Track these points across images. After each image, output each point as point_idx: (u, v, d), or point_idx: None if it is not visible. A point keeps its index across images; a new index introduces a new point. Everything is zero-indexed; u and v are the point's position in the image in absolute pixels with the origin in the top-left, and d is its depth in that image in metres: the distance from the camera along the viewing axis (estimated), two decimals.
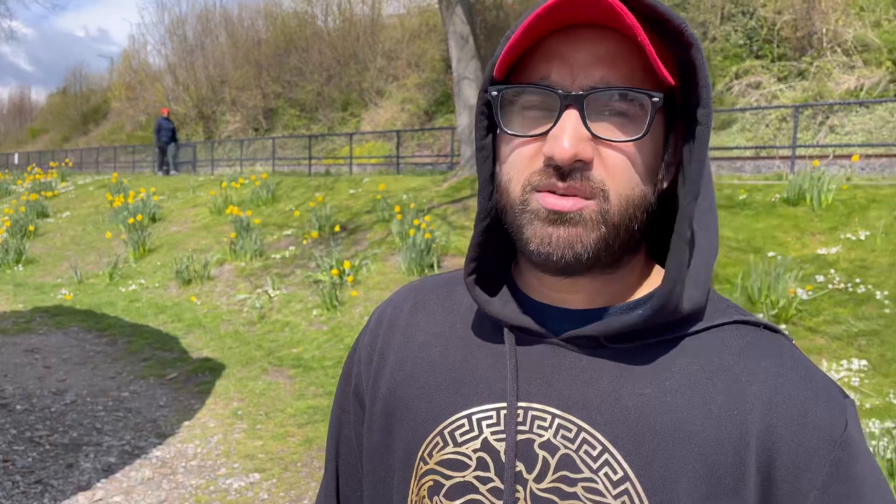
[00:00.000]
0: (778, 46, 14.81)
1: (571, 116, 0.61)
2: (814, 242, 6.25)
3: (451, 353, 0.73)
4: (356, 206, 10.48)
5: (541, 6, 0.59)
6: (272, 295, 7.85)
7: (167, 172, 18.44)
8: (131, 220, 11.61)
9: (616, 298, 0.69)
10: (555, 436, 0.64)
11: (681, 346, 0.66)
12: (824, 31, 14.13)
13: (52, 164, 23.05)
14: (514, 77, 0.67)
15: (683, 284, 0.63)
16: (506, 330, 0.70)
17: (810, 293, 5.41)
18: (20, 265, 11.29)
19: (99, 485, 3.90)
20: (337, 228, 9.29)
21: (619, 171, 0.62)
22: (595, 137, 0.61)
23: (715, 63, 15.46)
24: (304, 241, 9.20)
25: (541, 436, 0.65)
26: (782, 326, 5.15)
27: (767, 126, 13.71)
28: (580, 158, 0.60)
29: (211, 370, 5.96)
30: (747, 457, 0.61)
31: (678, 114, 0.67)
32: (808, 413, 0.62)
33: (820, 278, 5.61)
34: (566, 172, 0.61)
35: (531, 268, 0.70)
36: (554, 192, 0.62)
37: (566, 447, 0.63)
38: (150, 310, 8.16)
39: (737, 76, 14.95)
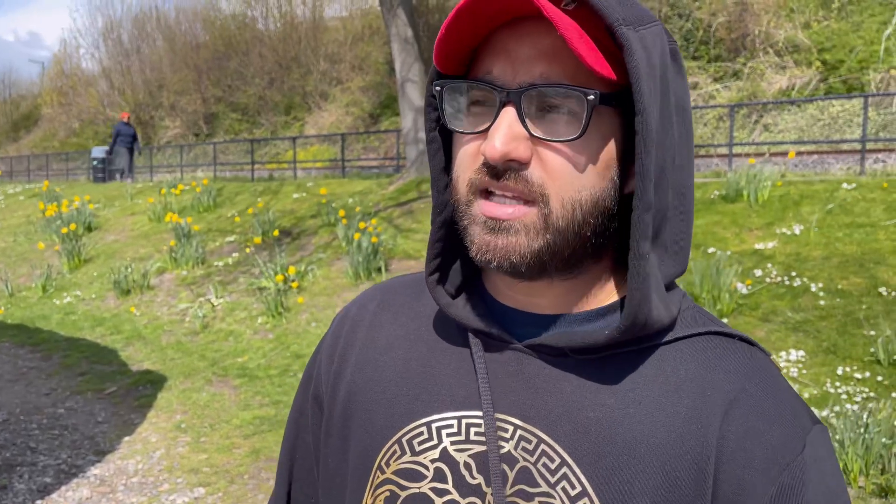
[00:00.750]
0: (713, 48, 15.23)
1: (509, 114, 0.58)
2: (751, 238, 6.42)
3: (414, 357, 0.70)
4: (301, 210, 10.33)
5: (461, 1, 0.57)
6: (215, 303, 7.66)
7: (122, 177, 17.37)
8: (65, 230, 11.18)
9: (581, 305, 0.66)
10: (515, 447, 0.62)
11: (648, 357, 0.63)
12: (757, 32, 14.59)
13: None
14: (471, 71, 0.64)
15: (650, 304, 0.60)
16: (471, 335, 0.67)
17: (749, 287, 5.55)
18: None
19: None
20: (276, 233, 9.14)
21: (560, 173, 0.59)
22: (532, 137, 0.58)
23: None
24: (248, 248, 9.02)
25: (501, 447, 0.62)
26: (724, 320, 5.27)
27: (706, 125, 14.08)
28: (513, 158, 0.58)
29: (152, 383, 5.77)
30: (707, 470, 0.59)
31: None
32: (763, 430, 0.60)
33: (758, 272, 5.77)
34: (500, 172, 0.59)
35: None
36: (491, 193, 0.60)
37: (525, 459, 0.61)
38: (87, 322, 7.88)
39: None
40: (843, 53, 13.41)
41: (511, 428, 0.62)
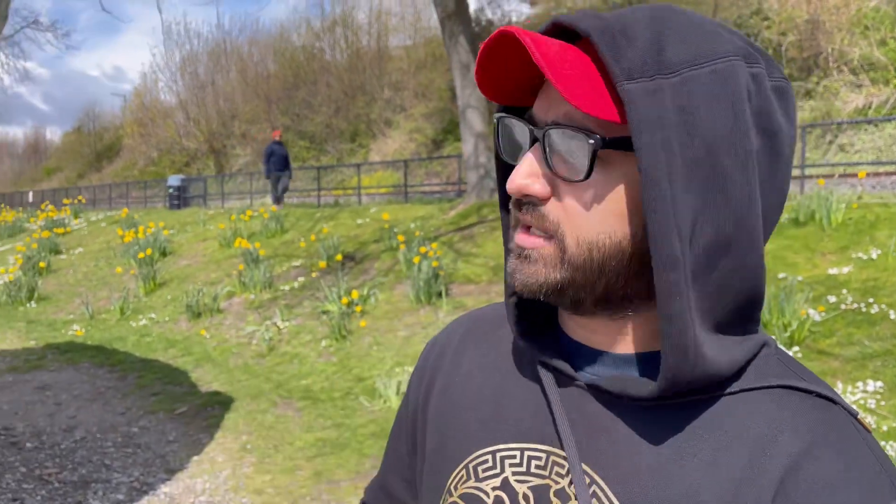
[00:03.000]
0: (785, 67, 14.84)
1: (536, 150, 0.60)
2: (825, 262, 6.19)
3: (489, 385, 0.72)
4: (364, 235, 10.51)
5: (481, 49, 0.60)
6: (281, 327, 7.84)
7: (278, 202, 15.42)
8: (142, 255, 11.69)
9: (642, 345, 0.64)
10: (570, 484, 0.62)
11: (709, 408, 0.60)
12: (830, 50, 14.15)
13: (65, 200, 23.31)
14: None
15: (690, 361, 0.56)
16: (540, 368, 0.68)
17: (823, 314, 5.34)
18: (33, 302, 11.37)
19: None
20: (339, 258, 9.31)
21: (574, 213, 0.59)
22: (554, 174, 0.60)
23: None
24: (313, 273, 9.21)
25: (557, 483, 0.63)
26: (795, 349, 5.08)
27: None
28: (527, 193, 0.60)
29: (220, 404, 5.93)
30: None
31: None
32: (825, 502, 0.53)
33: (832, 299, 5.54)
34: (522, 205, 0.61)
35: None
36: (525, 227, 0.62)
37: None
38: (161, 344, 8.17)
39: None
40: None
41: (567, 465, 0.63)
